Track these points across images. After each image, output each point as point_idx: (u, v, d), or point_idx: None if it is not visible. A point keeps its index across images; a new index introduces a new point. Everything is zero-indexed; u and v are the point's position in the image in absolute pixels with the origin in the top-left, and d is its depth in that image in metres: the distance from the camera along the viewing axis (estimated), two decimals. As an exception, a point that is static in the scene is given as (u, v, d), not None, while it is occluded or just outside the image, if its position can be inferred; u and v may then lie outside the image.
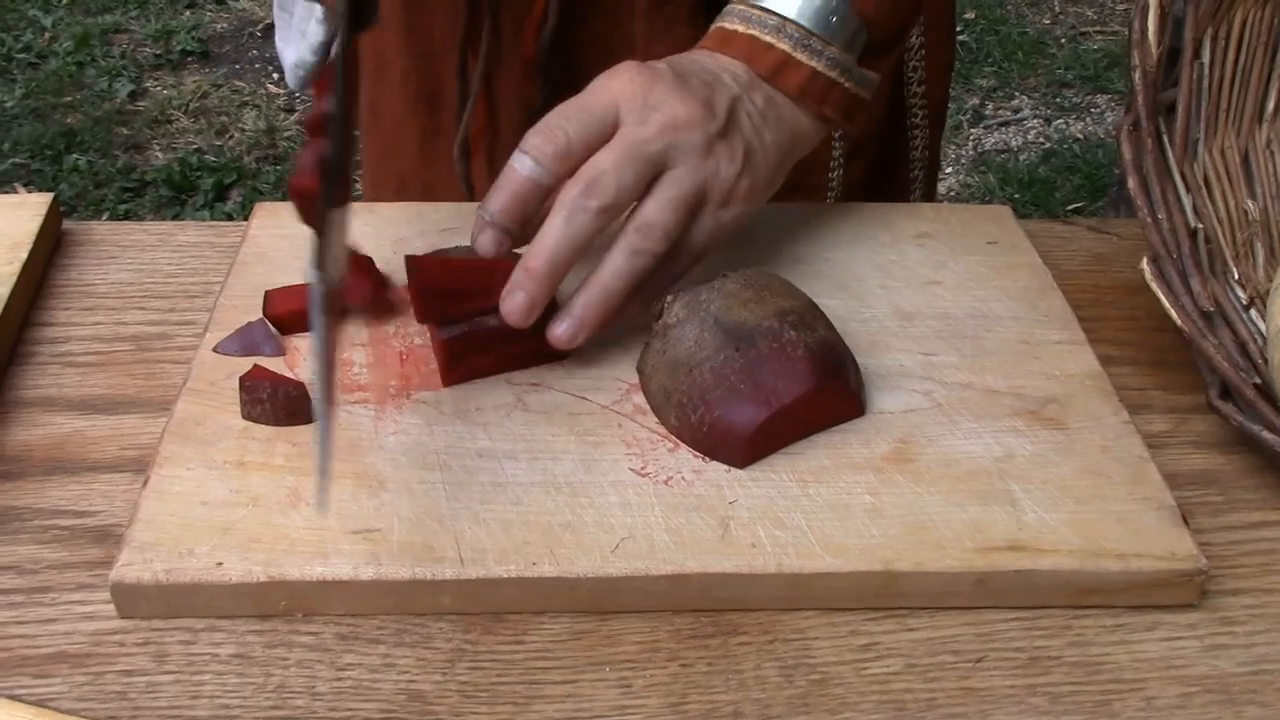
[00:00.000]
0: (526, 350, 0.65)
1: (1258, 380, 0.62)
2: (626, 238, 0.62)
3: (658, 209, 0.62)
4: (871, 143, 0.89)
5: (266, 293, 0.68)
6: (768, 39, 0.67)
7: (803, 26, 0.67)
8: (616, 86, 0.62)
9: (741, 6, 0.68)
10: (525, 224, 0.63)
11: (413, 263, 0.63)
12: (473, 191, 0.88)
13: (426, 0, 0.84)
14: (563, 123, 0.62)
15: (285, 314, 0.66)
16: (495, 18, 0.83)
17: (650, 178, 0.62)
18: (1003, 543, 0.57)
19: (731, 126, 0.64)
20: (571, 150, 0.61)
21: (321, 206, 0.57)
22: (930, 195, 0.97)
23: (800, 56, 0.67)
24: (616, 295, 0.63)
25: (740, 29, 0.68)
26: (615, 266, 0.62)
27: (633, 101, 0.62)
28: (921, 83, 0.89)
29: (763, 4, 0.68)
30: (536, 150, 0.61)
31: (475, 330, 0.63)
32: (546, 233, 0.61)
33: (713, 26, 0.70)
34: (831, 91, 0.68)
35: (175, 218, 2.47)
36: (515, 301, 0.61)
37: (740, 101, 0.66)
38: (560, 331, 0.63)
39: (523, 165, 0.61)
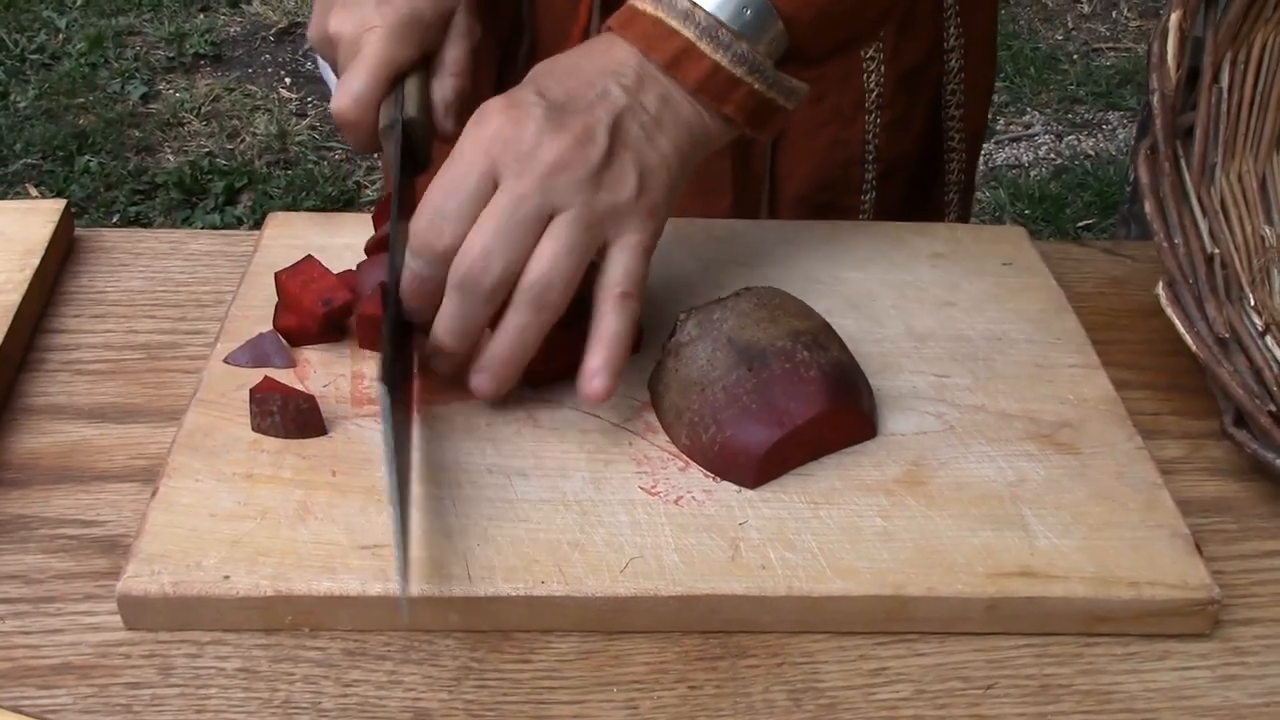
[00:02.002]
0: (559, 366, 0.64)
1: (1272, 408, 0.62)
2: (521, 295, 0.59)
3: (546, 265, 0.59)
4: (906, 165, 0.89)
5: (276, 275, 0.67)
6: (672, 24, 0.62)
7: (713, 15, 0.62)
8: (487, 137, 0.59)
9: None
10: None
11: None
12: None
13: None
14: (446, 207, 0.59)
15: (295, 327, 0.66)
16: (535, 30, 0.82)
17: (539, 229, 0.59)
18: (1014, 568, 0.56)
19: (617, 146, 0.60)
20: (458, 242, 0.59)
21: (384, 330, 0.59)
22: (965, 218, 0.96)
23: (704, 47, 0.62)
24: (528, 349, 0.60)
25: (647, 9, 0.63)
26: (519, 323, 0.60)
27: (505, 155, 0.59)
28: (960, 105, 0.88)
29: None
30: (426, 250, 0.59)
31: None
32: (446, 308, 0.60)
33: (625, 4, 0.65)
34: (734, 90, 0.63)
35: (185, 220, 2.47)
36: (480, 382, 0.61)
37: (627, 113, 0.61)
38: (479, 384, 0.61)
39: (419, 267, 0.60)
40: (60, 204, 0.76)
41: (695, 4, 0.62)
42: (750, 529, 0.58)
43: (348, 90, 0.67)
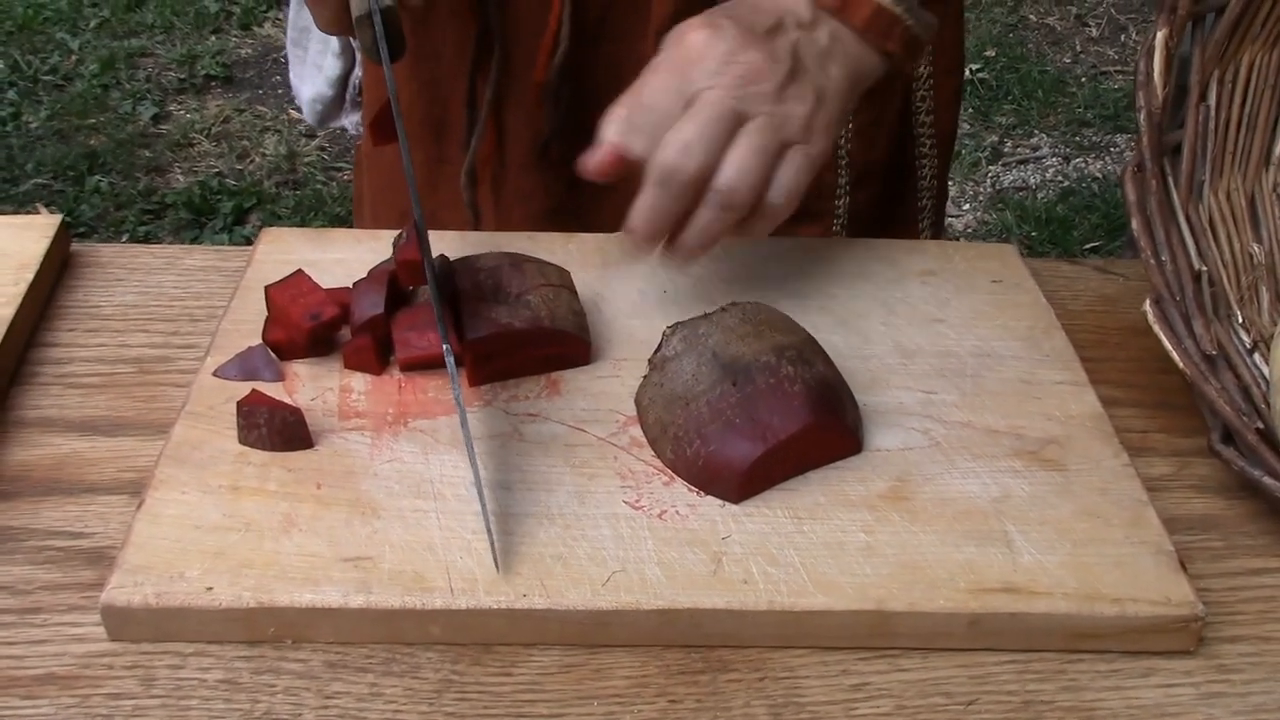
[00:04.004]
0: (549, 355, 0.66)
1: (1260, 425, 0.62)
2: (712, 196, 0.65)
3: (735, 169, 0.64)
4: (878, 171, 0.89)
5: (267, 289, 0.68)
6: None
7: None
8: (682, 56, 0.65)
9: None
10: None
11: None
12: (478, 219, 0.88)
13: (435, 26, 0.85)
14: (642, 120, 0.64)
15: (283, 341, 0.66)
16: (505, 42, 0.83)
17: (731, 132, 0.64)
18: (997, 584, 0.56)
19: (798, 70, 0.66)
20: (652, 149, 0.64)
21: (424, 273, 0.64)
22: (939, 225, 0.96)
23: None
24: (712, 243, 0.66)
25: None
26: (708, 219, 0.65)
27: (700, 66, 0.65)
28: (930, 112, 0.89)
29: None
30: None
31: (501, 334, 0.65)
32: (645, 200, 0.65)
33: None
34: (895, 27, 0.70)
35: (194, 240, 2.48)
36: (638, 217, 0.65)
37: (803, 43, 0.67)
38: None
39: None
40: (56, 219, 0.76)
41: None
42: (733, 543, 0.58)
43: None
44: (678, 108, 0.65)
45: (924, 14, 0.71)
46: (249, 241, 2.60)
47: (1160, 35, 0.66)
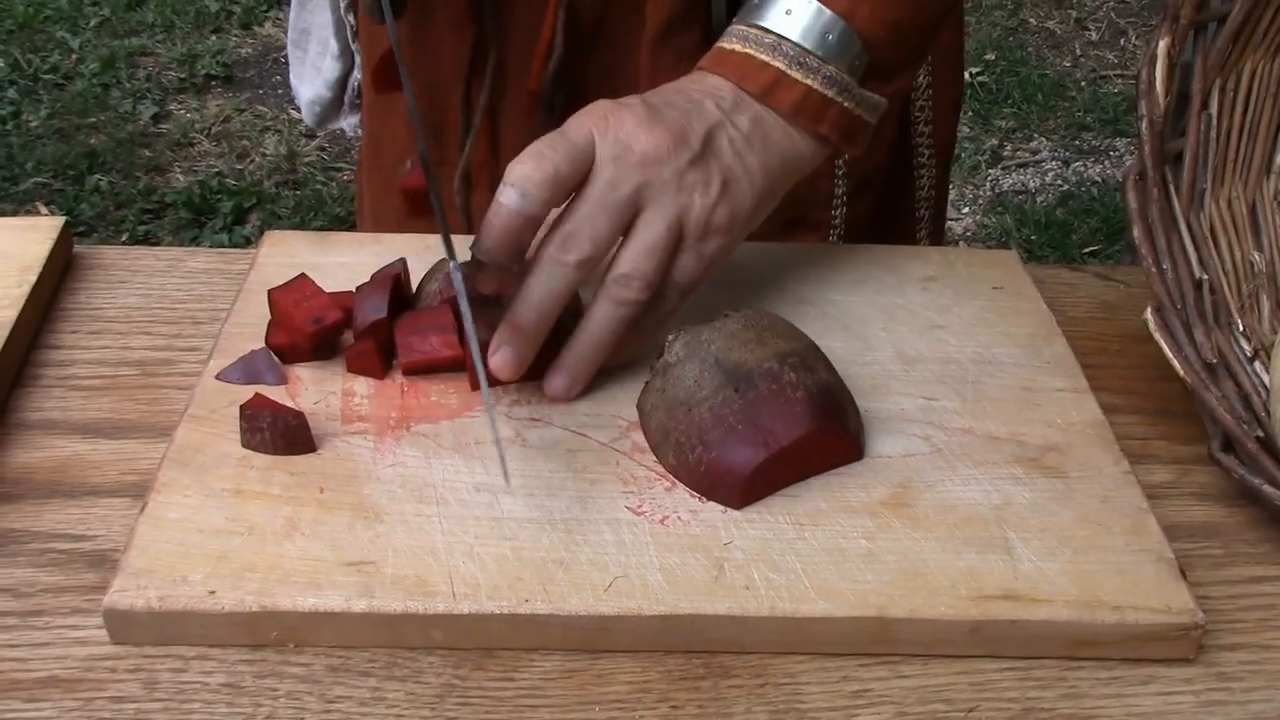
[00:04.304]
0: (551, 359, 0.66)
1: (1260, 433, 0.62)
2: (607, 290, 0.64)
3: (633, 259, 0.63)
4: (876, 180, 0.89)
5: (270, 292, 0.68)
6: (762, 57, 0.67)
7: (799, 45, 0.67)
8: (590, 121, 0.63)
9: (740, 27, 0.69)
10: (521, 257, 0.63)
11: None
12: (471, 223, 0.89)
13: (433, 31, 0.85)
14: (546, 150, 0.61)
15: (287, 344, 0.66)
16: (501, 49, 0.83)
17: (627, 220, 0.63)
18: (998, 591, 0.56)
19: (707, 154, 0.64)
20: (559, 176, 0.61)
21: (429, 201, 0.63)
22: (938, 234, 0.97)
23: (795, 74, 0.66)
24: (604, 345, 0.64)
25: (736, 48, 0.68)
26: (600, 318, 0.64)
27: (605, 136, 0.62)
28: (928, 122, 0.89)
29: (761, 23, 0.68)
30: (523, 180, 0.60)
31: None
32: (529, 290, 0.62)
33: (714, 47, 0.70)
34: (828, 110, 0.67)
35: (194, 240, 2.49)
36: (504, 357, 0.63)
37: (720, 127, 0.65)
38: (556, 386, 0.65)
39: (509, 199, 0.60)
40: (59, 221, 0.77)
41: (781, 36, 0.67)
42: (735, 549, 0.58)
43: None
44: (579, 163, 0.62)
45: (866, 95, 0.68)
46: (249, 241, 2.62)
47: (1162, 44, 0.66)
